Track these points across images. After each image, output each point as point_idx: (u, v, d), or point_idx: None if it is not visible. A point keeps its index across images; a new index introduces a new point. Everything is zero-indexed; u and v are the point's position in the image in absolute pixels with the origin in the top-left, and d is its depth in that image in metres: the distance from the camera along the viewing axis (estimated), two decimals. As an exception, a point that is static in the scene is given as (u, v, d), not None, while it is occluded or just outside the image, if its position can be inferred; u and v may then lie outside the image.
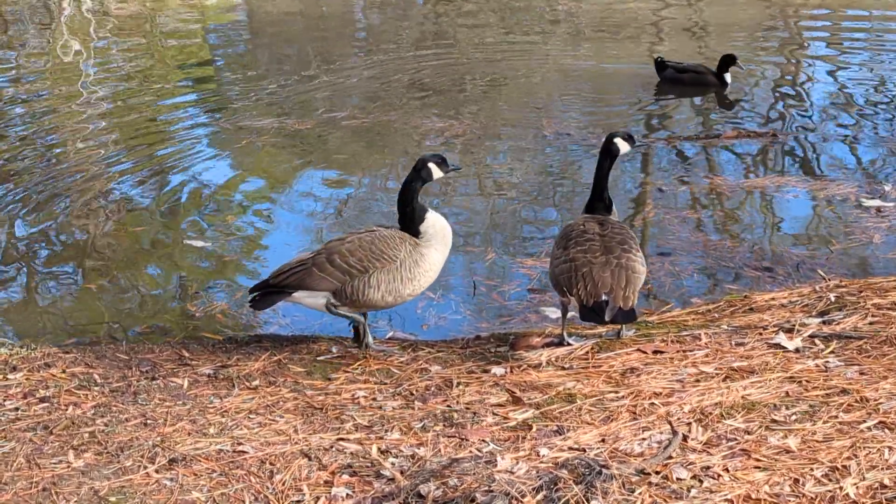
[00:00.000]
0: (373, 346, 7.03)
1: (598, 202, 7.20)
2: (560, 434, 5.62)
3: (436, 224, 6.98)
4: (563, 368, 6.51)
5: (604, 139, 7.34)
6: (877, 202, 10.02)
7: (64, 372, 6.66)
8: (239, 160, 12.39)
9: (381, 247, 6.82)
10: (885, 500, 4.75)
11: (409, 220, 6.95)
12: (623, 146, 7.24)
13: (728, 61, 14.42)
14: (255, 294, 6.98)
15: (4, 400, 6.28)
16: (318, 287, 6.83)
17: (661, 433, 5.51)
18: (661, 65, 14.98)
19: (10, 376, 6.59)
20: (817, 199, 10.35)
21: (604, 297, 6.38)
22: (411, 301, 7.38)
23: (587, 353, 6.72)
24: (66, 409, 6.14)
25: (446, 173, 7.11)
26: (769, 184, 10.85)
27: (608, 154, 7.21)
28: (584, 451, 5.37)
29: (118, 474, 5.40)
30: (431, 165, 6.96)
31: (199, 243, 9.64)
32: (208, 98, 15.49)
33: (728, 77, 14.51)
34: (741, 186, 10.82)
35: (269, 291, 6.92)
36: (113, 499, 5.17)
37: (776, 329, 6.84)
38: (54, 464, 5.52)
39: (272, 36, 20.63)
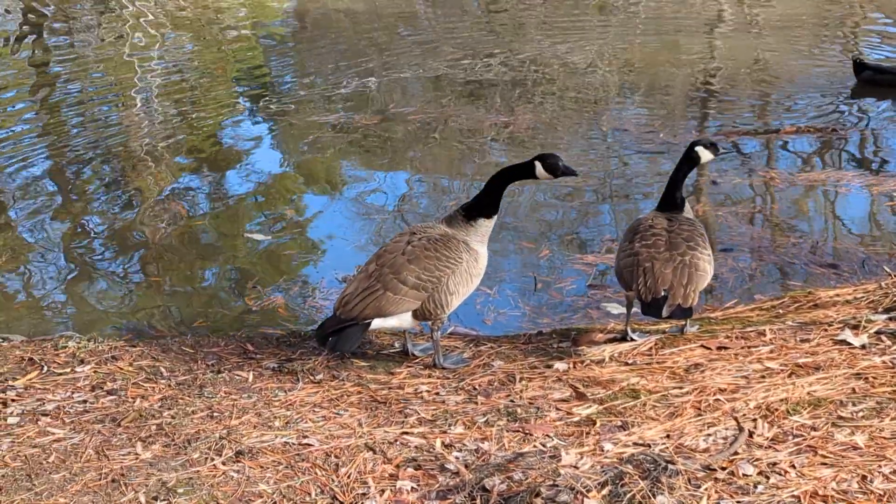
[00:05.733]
0: (418, 353, 6.93)
1: (670, 200, 7.14)
2: (624, 429, 5.61)
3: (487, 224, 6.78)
4: (627, 364, 6.49)
5: (687, 146, 7.26)
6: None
7: (131, 365, 6.75)
8: (302, 154, 12.46)
9: (444, 252, 6.53)
10: (957, 497, 4.70)
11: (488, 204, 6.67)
12: (705, 155, 7.15)
13: None
14: (329, 333, 6.44)
15: (73, 392, 6.39)
16: (398, 311, 6.44)
17: (727, 429, 5.50)
18: (859, 66, 14.20)
19: (77, 369, 6.70)
20: (877, 194, 10.23)
21: (662, 293, 6.38)
22: (469, 296, 7.30)
23: (650, 349, 6.70)
24: (134, 402, 6.23)
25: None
26: (829, 179, 10.73)
27: (689, 160, 7.15)
28: (649, 446, 5.36)
29: (185, 466, 5.47)
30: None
31: (259, 236, 9.73)
32: (271, 93, 15.53)
33: None
34: (800, 181, 10.72)
35: (344, 326, 6.40)
36: (181, 490, 5.24)
37: (841, 325, 6.77)
38: (123, 455, 5.60)
39: (331, 31, 20.68)
